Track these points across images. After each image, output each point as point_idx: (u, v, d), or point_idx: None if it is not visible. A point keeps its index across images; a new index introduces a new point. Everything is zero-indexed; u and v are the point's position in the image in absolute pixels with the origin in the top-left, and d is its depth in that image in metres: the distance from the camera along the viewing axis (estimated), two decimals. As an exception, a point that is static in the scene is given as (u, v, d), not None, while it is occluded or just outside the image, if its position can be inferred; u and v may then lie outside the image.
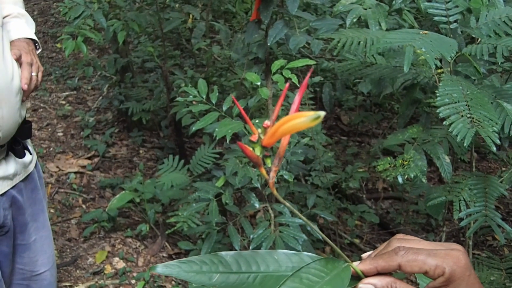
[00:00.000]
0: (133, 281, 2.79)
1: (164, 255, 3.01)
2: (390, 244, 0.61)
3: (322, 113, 0.49)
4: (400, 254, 0.58)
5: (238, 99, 2.51)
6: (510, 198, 3.44)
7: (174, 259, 2.99)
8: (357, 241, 3.19)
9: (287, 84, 0.66)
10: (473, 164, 2.00)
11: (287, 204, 0.60)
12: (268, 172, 0.58)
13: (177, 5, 3.73)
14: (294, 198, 2.89)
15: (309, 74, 0.61)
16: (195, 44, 3.40)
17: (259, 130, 0.57)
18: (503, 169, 2.01)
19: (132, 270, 2.87)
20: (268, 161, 0.58)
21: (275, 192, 0.57)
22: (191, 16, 3.56)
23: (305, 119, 0.51)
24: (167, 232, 2.78)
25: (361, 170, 3.22)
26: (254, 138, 0.57)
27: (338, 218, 3.26)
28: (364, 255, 0.63)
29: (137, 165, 3.78)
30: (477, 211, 1.60)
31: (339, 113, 4.50)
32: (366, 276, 0.60)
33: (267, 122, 0.56)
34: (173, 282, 2.80)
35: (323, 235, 0.63)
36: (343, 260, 0.60)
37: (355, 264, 0.61)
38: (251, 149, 0.57)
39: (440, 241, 2.15)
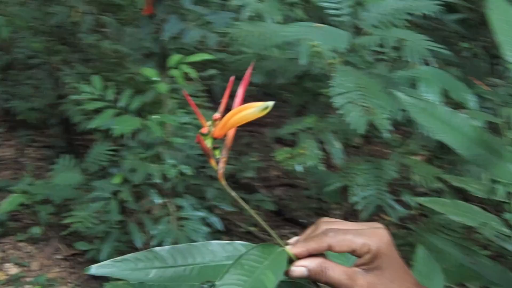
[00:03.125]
0: (28, 286, 2.68)
1: (59, 257, 2.91)
2: (318, 227, 0.63)
3: (271, 103, 0.53)
4: (330, 235, 0.60)
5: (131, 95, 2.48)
6: (396, 179, 3.67)
7: (71, 261, 2.92)
8: (253, 229, 3.26)
9: (232, 78, 0.63)
10: (363, 149, 2.13)
11: (234, 193, 0.61)
12: (217, 163, 0.60)
13: (62, -2, 3.59)
14: (192, 191, 2.90)
15: (250, 68, 0.63)
16: (83, 38, 3.31)
17: (209, 123, 0.59)
18: (392, 150, 2.14)
19: (26, 275, 2.75)
20: (217, 153, 0.60)
21: (223, 182, 0.59)
22: (76, 9, 3.44)
23: (254, 109, 0.54)
24: (62, 234, 2.70)
25: (254, 159, 3.29)
26: (204, 130, 0.58)
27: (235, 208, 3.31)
28: (290, 241, 0.65)
29: (25, 166, 3.60)
30: (370, 194, 1.71)
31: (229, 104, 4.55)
32: (299, 258, 0.62)
33: (216, 115, 0.58)
34: (68, 284, 2.73)
35: (259, 219, 0.65)
36: (277, 245, 0.62)
37: (287, 248, 0.63)
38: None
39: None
